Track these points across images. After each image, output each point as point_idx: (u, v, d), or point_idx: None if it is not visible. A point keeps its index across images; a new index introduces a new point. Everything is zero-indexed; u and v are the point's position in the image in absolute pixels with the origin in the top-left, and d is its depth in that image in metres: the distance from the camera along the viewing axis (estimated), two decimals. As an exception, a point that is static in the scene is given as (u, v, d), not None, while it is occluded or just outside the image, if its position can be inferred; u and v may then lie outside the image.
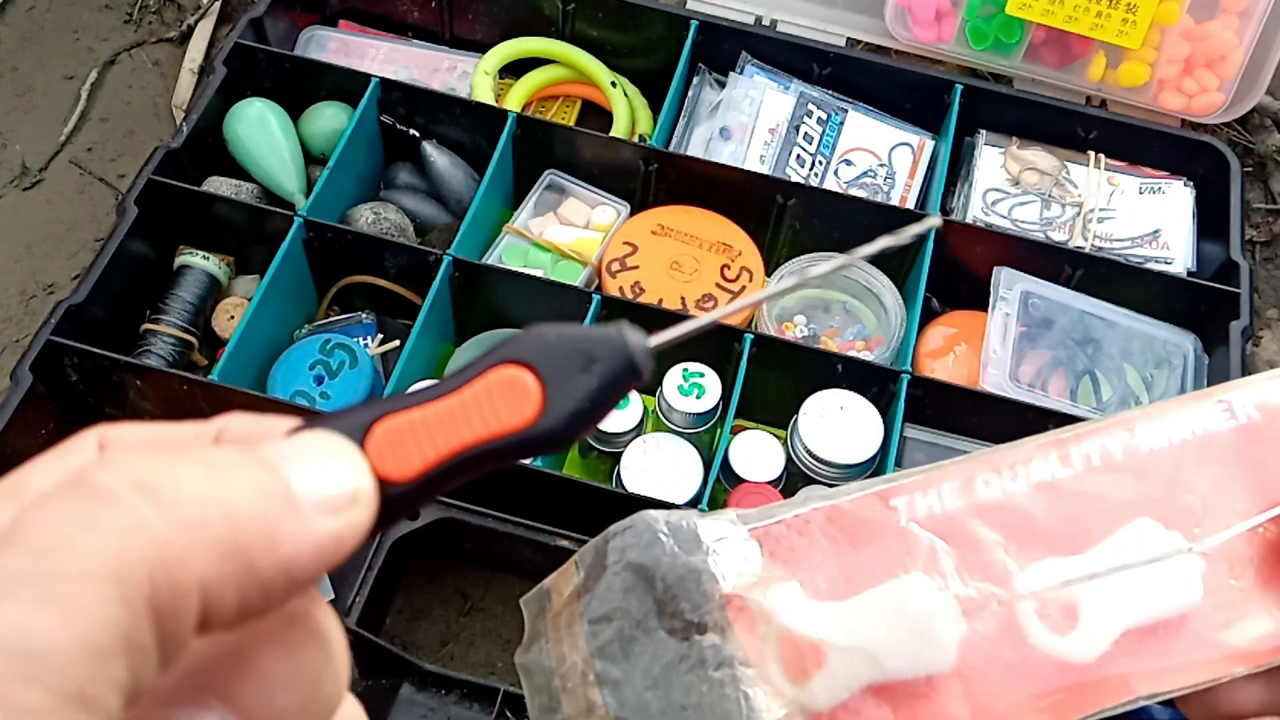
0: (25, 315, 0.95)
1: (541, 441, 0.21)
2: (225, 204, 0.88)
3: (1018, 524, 0.30)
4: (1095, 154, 0.98)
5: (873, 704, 0.28)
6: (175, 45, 1.12)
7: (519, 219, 0.93)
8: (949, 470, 0.31)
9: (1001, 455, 0.31)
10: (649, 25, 1.01)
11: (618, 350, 0.21)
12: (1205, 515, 0.31)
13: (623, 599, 0.28)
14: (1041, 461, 0.31)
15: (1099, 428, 0.32)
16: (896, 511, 0.30)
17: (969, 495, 0.31)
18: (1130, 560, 0.29)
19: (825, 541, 0.30)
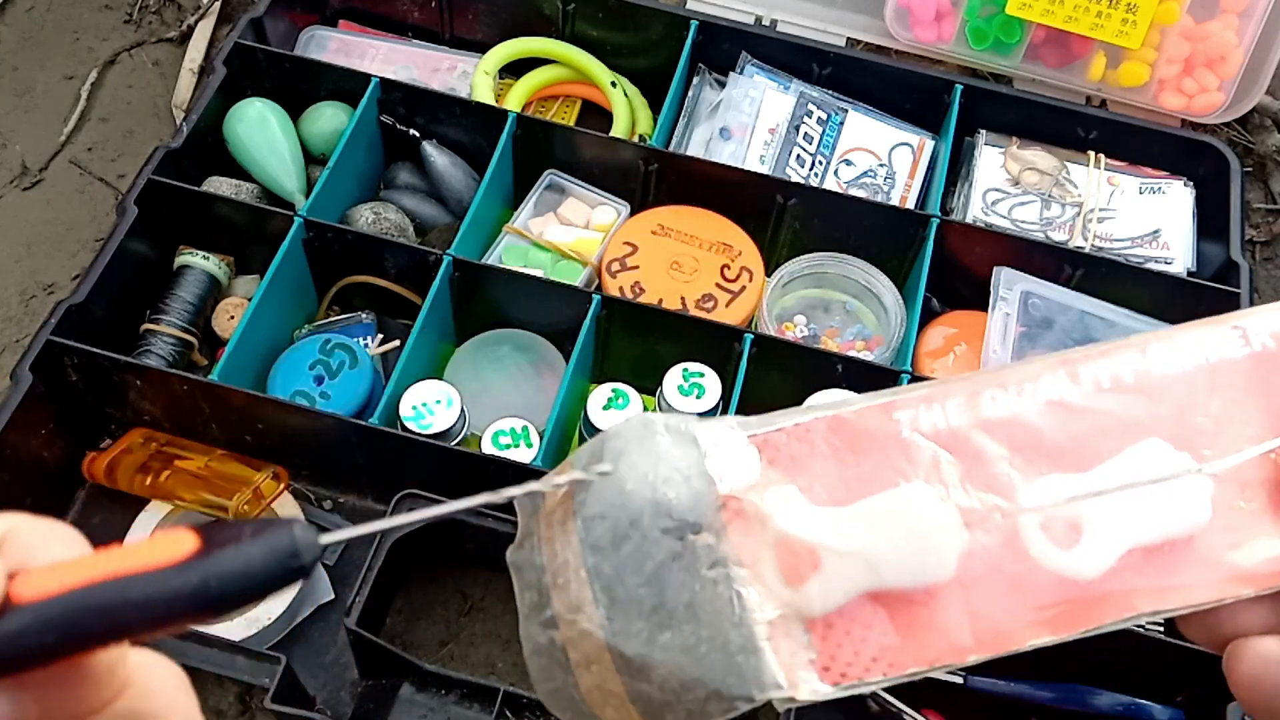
0: (25, 315, 0.95)
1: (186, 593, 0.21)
2: (225, 204, 0.88)
3: (1024, 439, 0.30)
4: (1095, 154, 0.98)
5: (869, 610, 0.28)
6: (175, 45, 1.12)
7: (519, 219, 0.93)
8: (954, 386, 0.31)
9: (1009, 373, 0.31)
10: (649, 25, 1.01)
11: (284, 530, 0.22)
12: (1216, 438, 0.30)
13: (617, 497, 0.28)
14: (1050, 379, 0.31)
15: (1110, 349, 0.31)
16: (899, 423, 0.30)
17: (975, 410, 0.30)
18: (1138, 479, 0.29)
19: (826, 450, 0.30)
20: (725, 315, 0.87)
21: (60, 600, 0.21)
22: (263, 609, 0.77)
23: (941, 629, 0.28)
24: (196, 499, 0.79)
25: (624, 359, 0.88)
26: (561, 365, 0.87)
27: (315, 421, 0.78)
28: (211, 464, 0.80)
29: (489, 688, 0.72)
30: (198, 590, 0.21)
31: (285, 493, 0.81)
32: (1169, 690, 0.74)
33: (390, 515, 0.22)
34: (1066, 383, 0.31)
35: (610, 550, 0.27)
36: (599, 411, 0.81)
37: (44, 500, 0.81)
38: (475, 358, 0.88)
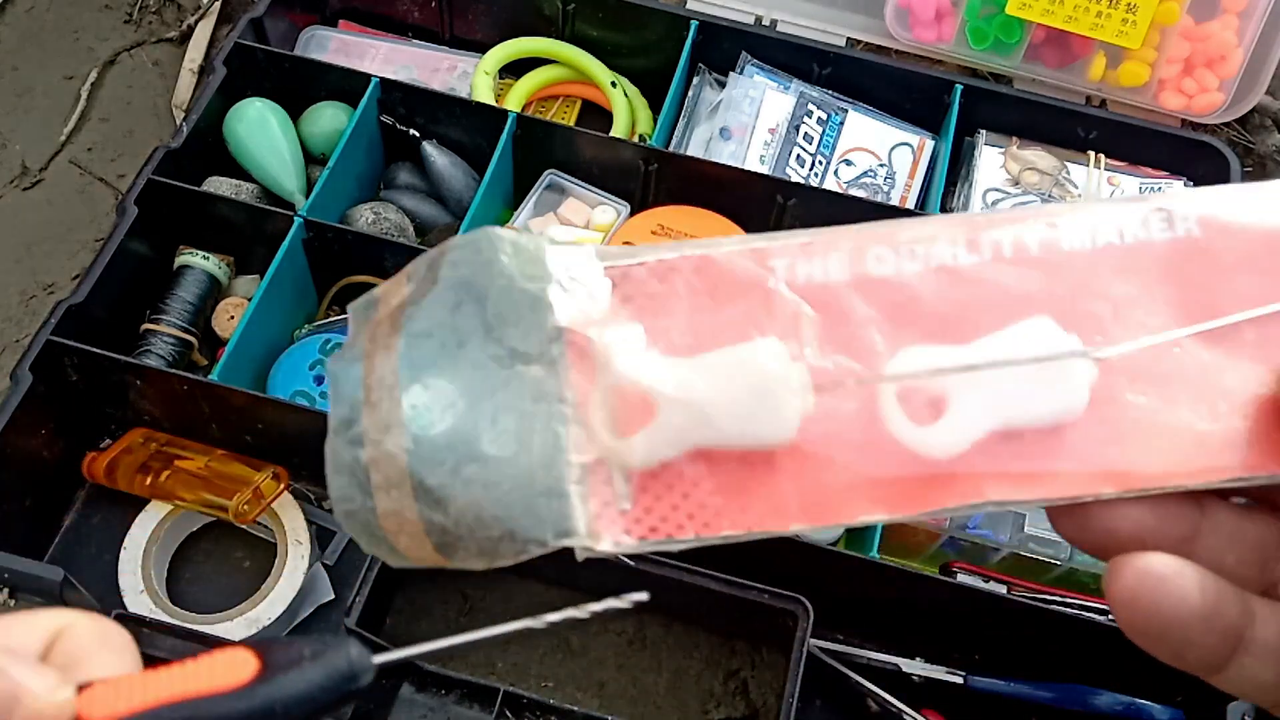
0: (25, 315, 0.95)
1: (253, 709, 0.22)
2: (225, 204, 0.88)
3: (900, 303, 0.28)
4: (1095, 154, 0.98)
5: (696, 467, 0.26)
6: (175, 45, 1.12)
7: (519, 219, 0.93)
8: (841, 237, 0.28)
9: (905, 230, 0.28)
10: (649, 25, 1.01)
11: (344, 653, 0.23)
12: (1113, 324, 0.28)
13: (449, 315, 0.26)
14: (946, 244, 0.28)
15: (1018, 216, 0.29)
16: (772, 271, 0.28)
17: (857, 267, 0.28)
18: (1014, 357, 0.27)
19: (686, 292, 0.27)
20: (725, 315, 0.87)
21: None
22: (263, 609, 0.77)
23: (768, 494, 0.26)
24: (196, 499, 0.79)
25: (624, 359, 0.88)
26: (561, 365, 0.87)
27: (315, 421, 0.78)
28: (211, 464, 0.80)
29: (489, 688, 0.72)
30: (264, 715, 0.22)
31: (285, 493, 0.81)
32: (1169, 690, 0.74)
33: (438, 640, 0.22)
34: (964, 250, 0.28)
35: (432, 372, 0.26)
36: (599, 411, 0.81)
37: (44, 500, 0.81)
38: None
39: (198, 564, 0.83)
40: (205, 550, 0.84)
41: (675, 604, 0.77)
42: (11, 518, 0.78)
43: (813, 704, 0.79)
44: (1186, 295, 0.28)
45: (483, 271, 0.26)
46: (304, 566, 0.79)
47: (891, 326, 0.27)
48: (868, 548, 0.77)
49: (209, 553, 0.83)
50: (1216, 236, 0.28)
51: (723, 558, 0.73)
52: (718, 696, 0.80)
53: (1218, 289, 0.28)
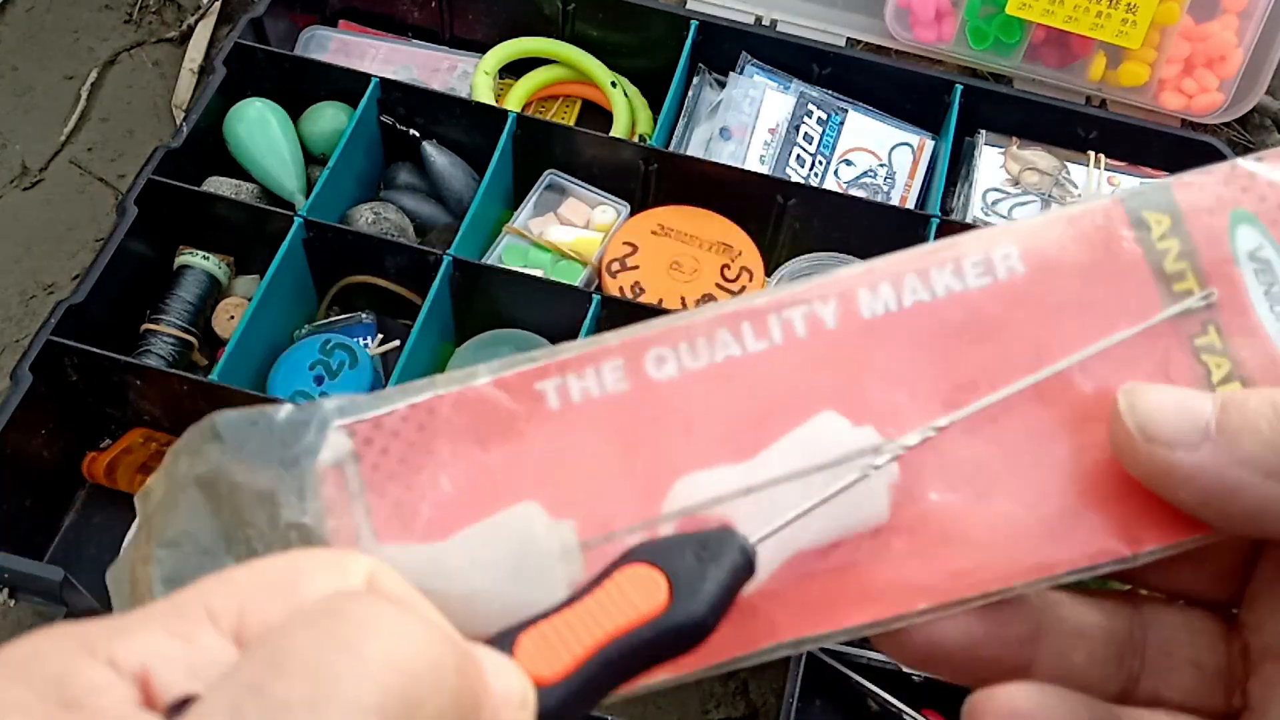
0: (25, 315, 0.95)
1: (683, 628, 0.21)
2: (225, 204, 0.88)
3: (679, 421, 0.24)
4: (1095, 154, 0.98)
5: None
6: (175, 45, 1.12)
7: (519, 219, 0.93)
8: (614, 344, 0.25)
9: (683, 324, 0.25)
10: (649, 25, 1.01)
11: (731, 540, 0.22)
12: (911, 409, 0.24)
13: (189, 521, 0.23)
14: (729, 333, 0.25)
15: (813, 290, 0.25)
16: (543, 397, 0.24)
17: (635, 375, 0.25)
18: (798, 468, 0.23)
19: (447, 439, 0.24)
20: (725, 315, 0.87)
21: (580, 673, 0.21)
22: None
23: None
24: (196, 499, 0.79)
25: (624, 359, 0.88)
26: (561, 365, 0.87)
27: (315, 421, 0.78)
28: (211, 464, 0.80)
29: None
30: (697, 626, 0.21)
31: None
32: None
33: None
34: (750, 336, 0.25)
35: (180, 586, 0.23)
36: (599, 411, 0.81)
37: (44, 500, 0.81)
38: (475, 358, 0.88)
39: (198, 564, 0.83)
40: (205, 550, 0.83)
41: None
42: (11, 518, 0.78)
43: (813, 704, 0.79)
44: (1009, 352, 0.25)
45: (209, 469, 0.23)
46: (304, 566, 0.79)
47: (668, 450, 0.24)
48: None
49: (209, 553, 0.83)
50: (1040, 275, 0.25)
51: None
52: (718, 696, 0.80)
53: (1044, 339, 0.25)
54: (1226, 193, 0.26)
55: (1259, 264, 0.25)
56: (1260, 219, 0.25)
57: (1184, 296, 0.25)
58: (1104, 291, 0.25)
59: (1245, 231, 0.25)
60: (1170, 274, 0.25)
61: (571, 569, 0.23)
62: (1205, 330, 0.25)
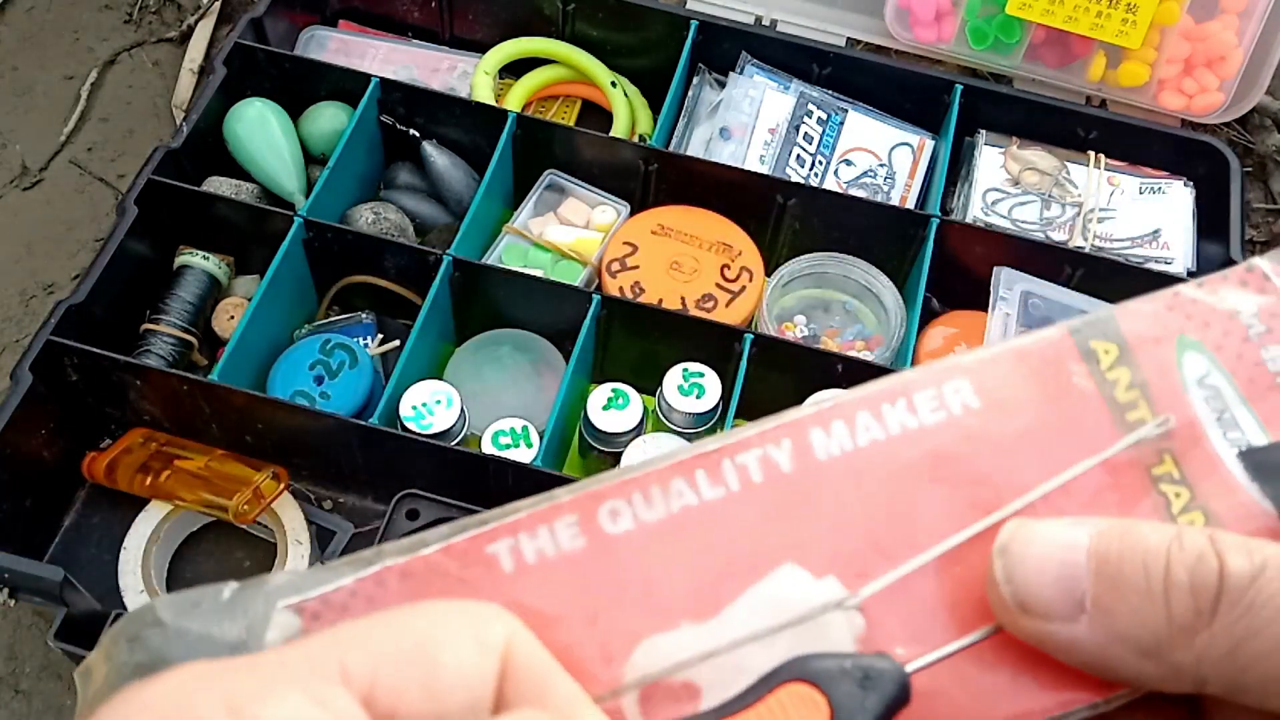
0: (25, 315, 0.95)
1: None
2: (225, 204, 0.88)
3: (633, 581, 0.24)
4: (1095, 154, 0.98)
5: None
6: (175, 45, 1.12)
7: (519, 219, 0.93)
8: (566, 500, 0.24)
9: (636, 476, 0.24)
10: (649, 25, 1.01)
11: (894, 675, 0.22)
12: (874, 555, 0.24)
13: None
14: (682, 482, 0.24)
15: (767, 433, 0.25)
16: (495, 560, 0.24)
17: (590, 531, 0.24)
18: (760, 627, 0.23)
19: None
20: (725, 315, 0.87)
21: None
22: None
23: None
24: (196, 499, 0.79)
25: (624, 359, 0.88)
26: (561, 365, 0.87)
27: (315, 421, 0.78)
28: (211, 464, 0.80)
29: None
30: None
31: (285, 493, 0.81)
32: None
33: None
34: (705, 483, 0.24)
35: None
36: (599, 411, 0.81)
37: (44, 500, 0.81)
38: (475, 358, 0.88)
39: (198, 564, 0.83)
40: (205, 550, 0.84)
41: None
42: (11, 518, 0.78)
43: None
44: (968, 492, 0.24)
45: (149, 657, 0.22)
46: (304, 566, 0.79)
47: (628, 611, 0.23)
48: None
49: (209, 553, 0.84)
50: (994, 411, 0.25)
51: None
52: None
53: (1003, 475, 0.25)
54: (1171, 319, 0.26)
55: (1208, 390, 0.25)
56: (1205, 345, 0.26)
57: (1138, 425, 0.25)
58: (1060, 425, 0.25)
59: (1192, 358, 0.26)
60: (1123, 403, 0.25)
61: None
62: (1162, 459, 0.25)
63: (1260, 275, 0.26)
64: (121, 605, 0.77)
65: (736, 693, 0.22)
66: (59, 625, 0.70)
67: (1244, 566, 0.21)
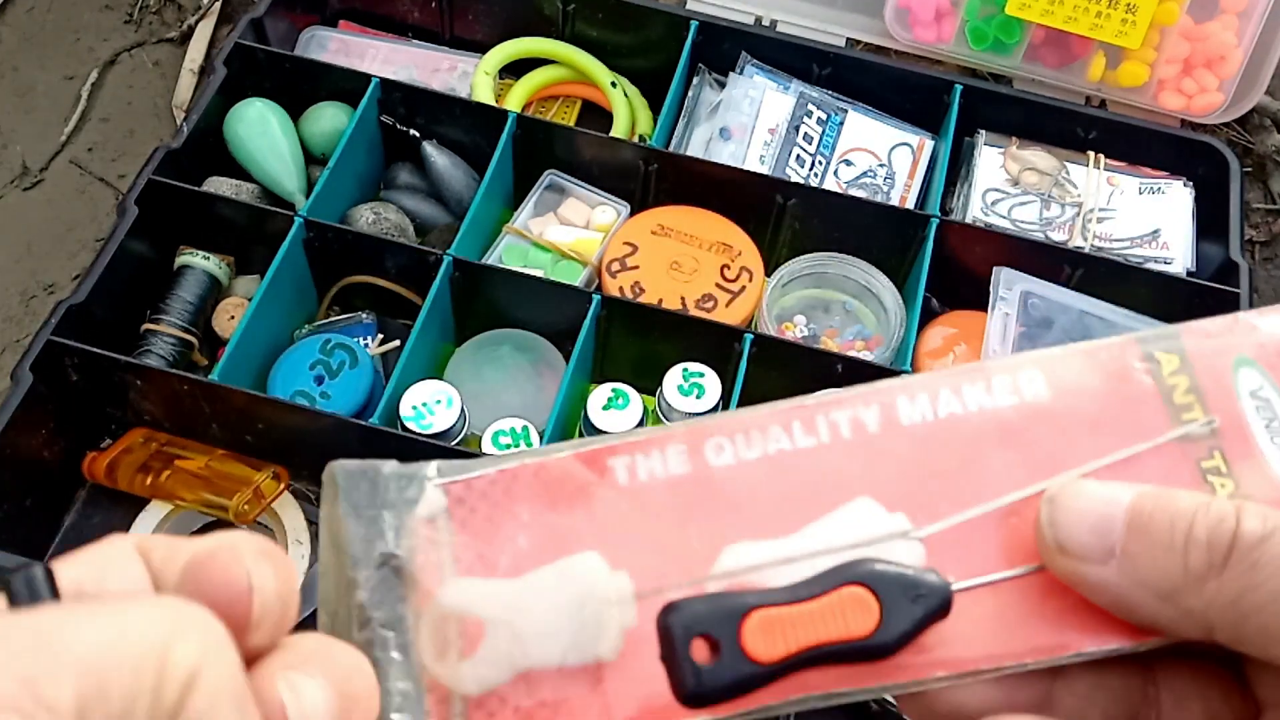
0: (25, 315, 0.95)
1: (875, 651, 0.25)
2: (225, 204, 0.88)
3: (733, 498, 0.27)
4: (1095, 154, 0.98)
5: (523, 690, 0.25)
6: (175, 45, 1.12)
7: (519, 219, 0.93)
8: (680, 431, 0.28)
9: (741, 419, 0.28)
10: (649, 25, 1.01)
11: (940, 590, 0.26)
12: (942, 500, 0.27)
13: (322, 553, 0.27)
14: (780, 429, 0.28)
15: (859, 395, 0.29)
16: (611, 472, 0.27)
17: (697, 459, 0.28)
18: (834, 544, 0.26)
19: (526, 502, 0.27)
20: (725, 315, 0.88)
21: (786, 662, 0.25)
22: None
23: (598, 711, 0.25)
24: (197, 499, 0.79)
25: (624, 359, 0.88)
26: (561, 365, 0.87)
27: (315, 421, 0.78)
28: (212, 464, 0.80)
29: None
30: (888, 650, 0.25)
31: (285, 493, 0.81)
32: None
33: None
34: (801, 433, 0.28)
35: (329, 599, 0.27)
36: (599, 411, 0.81)
37: (44, 500, 0.81)
38: (475, 358, 0.88)
39: (198, 564, 0.83)
40: (205, 550, 0.83)
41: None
42: (11, 518, 0.78)
43: (812, 704, 0.79)
44: (1029, 458, 0.28)
45: (328, 512, 0.27)
46: (304, 566, 0.79)
47: (720, 524, 0.27)
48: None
49: (209, 552, 0.83)
50: (1062, 397, 0.28)
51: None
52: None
53: (1062, 450, 0.28)
54: (1230, 340, 0.29)
55: (1260, 401, 0.28)
56: (1259, 363, 0.29)
57: (1190, 424, 0.28)
58: (1120, 415, 0.28)
59: (1247, 373, 0.29)
60: (1179, 405, 0.28)
61: (625, 615, 0.26)
62: (1211, 455, 0.28)
63: None
64: (122, 605, 0.77)
65: (802, 580, 0.26)
66: (59, 625, 0.69)
67: (1257, 528, 0.24)
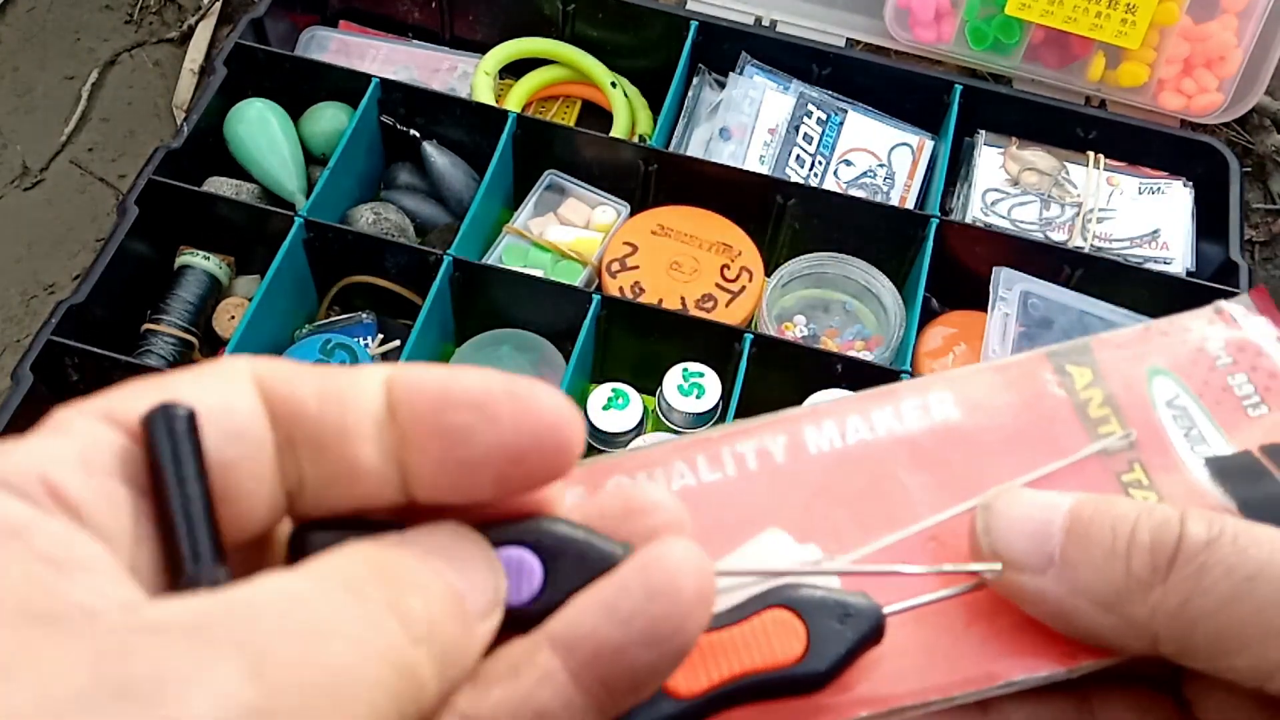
0: (26, 315, 0.95)
1: (804, 680, 0.23)
2: (226, 204, 0.88)
3: None
4: (1095, 154, 0.98)
5: None
6: (176, 45, 1.12)
7: (519, 219, 0.93)
8: (579, 473, 0.26)
9: (642, 457, 0.27)
10: (649, 25, 1.02)
11: (870, 611, 0.24)
12: (858, 525, 0.26)
13: None
14: (684, 465, 0.27)
15: (764, 425, 0.27)
16: None
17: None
18: (745, 580, 0.24)
19: None
20: (725, 315, 0.88)
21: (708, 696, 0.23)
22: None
23: None
24: (197, 499, 0.79)
25: (624, 359, 0.88)
26: (561, 365, 0.87)
27: (315, 421, 0.78)
28: (212, 464, 0.80)
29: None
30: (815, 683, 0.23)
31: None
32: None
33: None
34: (705, 466, 0.27)
35: None
36: (599, 411, 0.81)
37: (45, 500, 0.81)
38: (475, 358, 0.89)
39: (198, 564, 0.83)
40: (206, 550, 0.84)
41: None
42: (12, 517, 0.78)
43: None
44: (944, 481, 0.26)
45: None
46: (304, 566, 0.79)
47: None
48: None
49: (209, 552, 0.83)
50: (974, 416, 0.27)
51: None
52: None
53: (978, 472, 0.27)
54: (1142, 350, 0.28)
55: (1177, 410, 0.28)
56: (1174, 372, 0.28)
57: (1108, 437, 0.27)
58: (1034, 433, 0.27)
59: (1161, 382, 0.28)
60: (1095, 419, 0.27)
61: None
62: (1131, 468, 0.27)
63: (1228, 316, 0.28)
64: (122, 605, 0.77)
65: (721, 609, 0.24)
66: (60, 625, 0.70)
67: (1202, 532, 0.23)
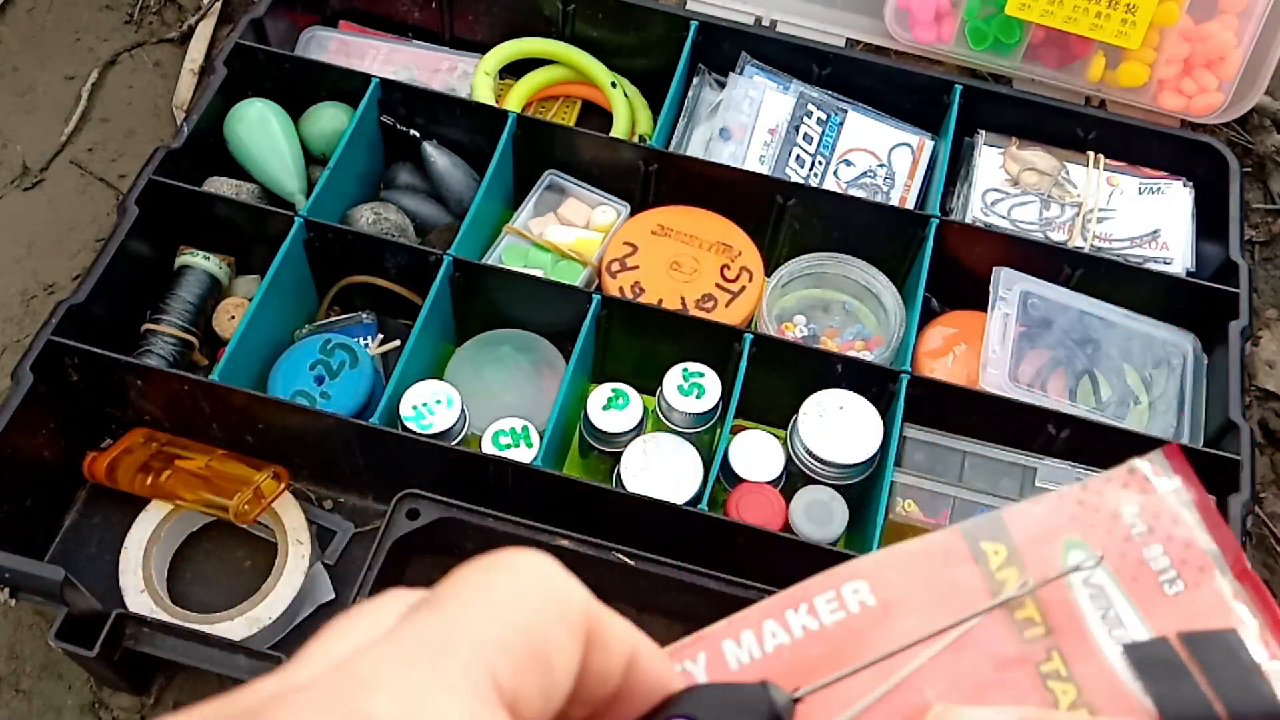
0: (26, 315, 0.95)
1: None
2: (226, 204, 0.88)
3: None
4: (1094, 154, 0.98)
5: None
6: (176, 45, 1.12)
7: (519, 219, 0.93)
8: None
9: None
10: (649, 25, 1.02)
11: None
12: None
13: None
14: None
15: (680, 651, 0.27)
16: None
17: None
18: None
19: None
20: (725, 315, 0.88)
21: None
22: (263, 609, 0.77)
23: None
24: (197, 499, 0.79)
25: (624, 359, 0.88)
26: (561, 365, 0.87)
27: (315, 421, 0.78)
28: (212, 464, 0.80)
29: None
30: None
31: (285, 492, 0.81)
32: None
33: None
34: None
35: None
36: (599, 411, 0.81)
37: (44, 500, 0.82)
38: (475, 358, 0.89)
39: (198, 564, 0.83)
40: (205, 550, 0.84)
41: (675, 604, 0.77)
42: (11, 518, 0.78)
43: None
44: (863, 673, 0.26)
45: None
46: (304, 566, 0.79)
47: None
48: (867, 547, 0.77)
49: (209, 553, 0.84)
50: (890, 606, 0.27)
51: (722, 557, 0.73)
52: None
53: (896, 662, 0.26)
54: (1056, 522, 0.27)
55: (1093, 589, 0.27)
56: (1090, 546, 0.27)
57: (1026, 625, 0.27)
58: (951, 620, 0.27)
59: (1076, 556, 0.27)
60: (1012, 605, 0.27)
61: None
62: (1050, 657, 0.26)
63: (1141, 477, 0.28)
64: (122, 605, 0.77)
65: None
66: (60, 625, 0.70)
67: None
